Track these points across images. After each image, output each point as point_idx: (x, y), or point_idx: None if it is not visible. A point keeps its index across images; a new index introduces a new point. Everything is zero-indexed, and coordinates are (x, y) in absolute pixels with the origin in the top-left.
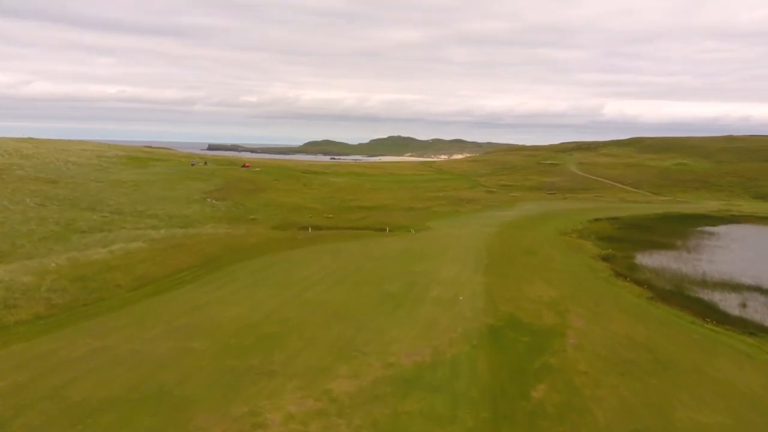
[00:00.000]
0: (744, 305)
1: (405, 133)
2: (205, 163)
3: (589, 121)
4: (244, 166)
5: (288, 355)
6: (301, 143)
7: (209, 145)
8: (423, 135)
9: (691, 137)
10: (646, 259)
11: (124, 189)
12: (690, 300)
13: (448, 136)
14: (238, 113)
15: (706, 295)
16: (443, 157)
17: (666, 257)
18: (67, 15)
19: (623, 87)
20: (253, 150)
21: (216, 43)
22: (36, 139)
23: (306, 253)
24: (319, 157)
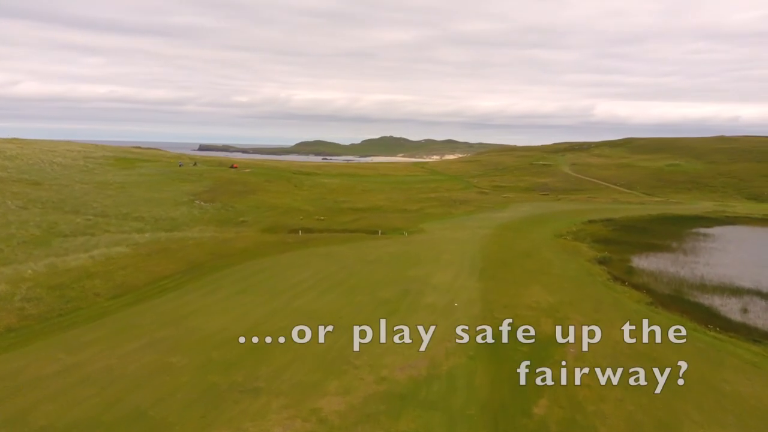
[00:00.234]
0: (745, 310)
1: (397, 134)
2: (194, 163)
3: (580, 122)
4: (233, 167)
5: (275, 370)
6: (293, 144)
7: (200, 145)
8: (415, 135)
9: (683, 138)
10: (643, 262)
11: (109, 191)
12: (690, 305)
13: (440, 136)
14: (229, 113)
15: (706, 300)
16: (435, 157)
17: (663, 260)
18: (56, 15)
19: (614, 88)
20: (244, 150)
21: (207, 43)
22: (21, 140)
23: (296, 258)
24: (311, 158)
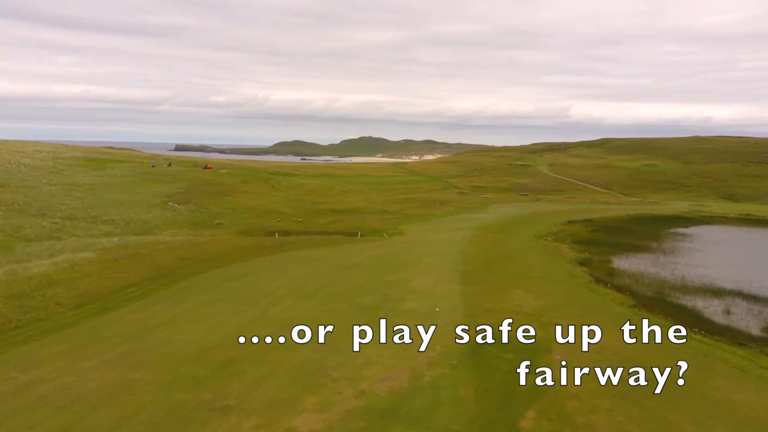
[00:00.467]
0: (728, 312)
1: (376, 134)
2: (169, 164)
3: (557, 123)
4: (207, 168)
5: (247, 386)
6: (272, 144)
7: (176, 145)
8: (394, 136)
9: (659, 138)
10: (624, 263)
11: (78, 193)
12: (674, 307)
13: (419, 137)
14: (206, 113)
15: (689, 301)
16: (414, 158)
17: (644, 261)
18: (26, 11)
19: (590, 89)
20: (222, 151)
21: (184, 42)
22: None
23: (273, 262)
24: (290, 158)
